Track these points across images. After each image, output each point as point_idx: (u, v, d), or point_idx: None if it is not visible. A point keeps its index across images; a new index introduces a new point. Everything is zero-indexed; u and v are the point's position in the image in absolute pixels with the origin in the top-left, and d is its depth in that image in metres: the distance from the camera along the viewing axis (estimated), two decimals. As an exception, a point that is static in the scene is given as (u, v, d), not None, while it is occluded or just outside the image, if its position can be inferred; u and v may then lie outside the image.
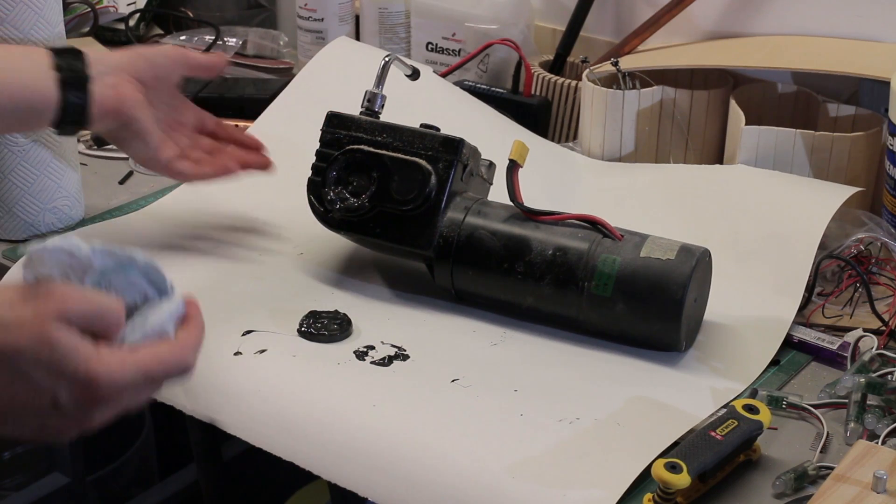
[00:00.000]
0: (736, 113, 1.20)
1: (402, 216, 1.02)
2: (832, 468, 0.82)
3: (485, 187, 1.08)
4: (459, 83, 1.39)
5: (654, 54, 1.35)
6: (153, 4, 1.71)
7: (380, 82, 1.09)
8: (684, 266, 0.95)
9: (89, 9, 1.58)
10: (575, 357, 0.97)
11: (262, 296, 1.04)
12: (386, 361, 0.95)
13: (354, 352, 0.96)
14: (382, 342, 0.98)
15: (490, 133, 1.22)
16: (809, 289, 1.04)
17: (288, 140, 1.24)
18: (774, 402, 0.92)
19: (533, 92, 1.38)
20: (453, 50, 1.49)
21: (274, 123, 1.27)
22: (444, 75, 1.41)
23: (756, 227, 1.10)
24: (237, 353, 0.95)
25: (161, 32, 1.69)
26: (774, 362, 0.98)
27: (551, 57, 1.43)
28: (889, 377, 0.93)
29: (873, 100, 1.23)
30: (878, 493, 0.78)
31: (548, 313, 1.00)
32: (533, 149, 1.04)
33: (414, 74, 1.17)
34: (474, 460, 0.84)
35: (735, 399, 0.90)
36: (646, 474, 0.81)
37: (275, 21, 1.76)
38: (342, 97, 1.12)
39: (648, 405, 0.91)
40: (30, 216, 1.14)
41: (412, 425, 0.87)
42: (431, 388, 0.92)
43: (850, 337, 0.99)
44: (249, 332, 0.98)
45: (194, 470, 1.67)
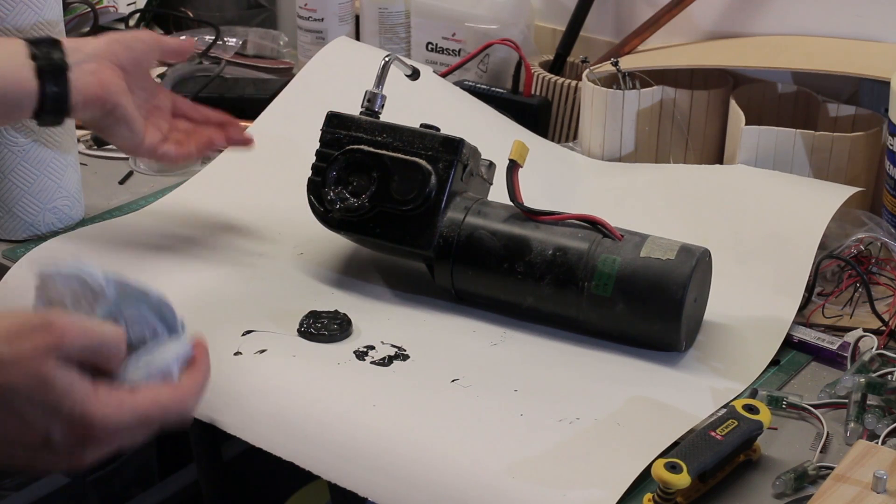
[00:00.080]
0: (736, 113, 1.20)
1: (402, 216, 1.02)
2: (832, 468, 0.82)
3: (485, 187, 1.08)
4: (459, 83, 1.39)
5: (654, 54, 1.35)
6: (153, 4, 1.71)
7: (380, 82, 1.09)
8: (684, 266, 0.95)
9: (89, 9, 1.58)
10: (575, 357, 0.97)
11: (262, 296, 1.04)
12: (386, 361, 0.95)
13: (354, 352, 0.96)
14: (382, 342, 0.98)
15: (490, 133, 1.22)
16: (809, 289, 1.04)
17: (288, 140, 1.24)
18: (774, 402, 0.92)
19: (533, 92, 1.38)
20: (453, 50, 1.49)
21: (274, 123, 1.27)
22: (444, 75, 1.41)
23: (756, 227, 1.10)
24: (237, 353, 0.95)
25: (161, 32, 1.68)
26: (774, 362, 0.98)
27: (551, 57, 1.43)
28: (889, 377, 0.93)
29: (873, 100, 1.23)
30: (878, 493, 0.78)
31: (548, 313, 1.00)
32: (533, 149, 1.04)
33: (414, 74, 1.17)
34: (474, 460, 0.84)
35: (735, 399, 0.90)
36: (646, 474, 0.81)
37: (275, 21, 1.76)
38: (342, 97, 1.12)
39: (648, 405, 0.91)
40: (30, 216, 1.14)
41: (412, 425, 0.87)
42: (431, 389, 0.92)
43: (850, 337, 0.99)
44: (249, 332, 0.98)
45: (194, 470, 1.67)
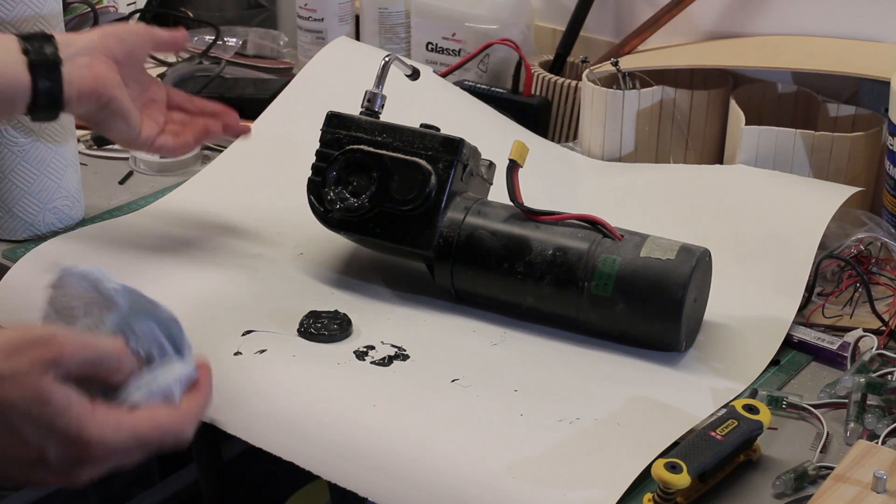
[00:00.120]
0: (736, 113, 1.20)
1: (402, 216, 1.02)
2: (832, 468, 0.82)
3: (485, 187, 1.08)
4: (459, 83, 1.39)
5: (654, 54, 1.35)
6: (153, 4, 1.71)
7: (380, 82, 1.09)
8: (684, 266, 0.95)
9: (89, 9, 1.57)
10: (575, 357, 0.97)
11: (262, 296, 1.04)
12: (386, 361, 0.95)
13: (354, 352, 0.96)
14: (382, 342, 0.98)
15: (490, 133, 1.22)
16: (809, 289, 1.04)
17: (288, 140, 1.24)
18: (774, 402, 0.92)
19: (533, 92, 1.38)
20: (453, 50, 1.49)
21: (274, 123, 1.27)
22: (444, 75, 1.41)
23: (756, 227, 1.10)
24: (237, 353, 0.95)
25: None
26: (774, 362, 0.98)
27: (551, 57, 1.43)
28: (889, 377, 0.93)
29: (873, 100, 1.23)
30: (878, 493, 0.78)
31: (548, 313, 1.00)
32: (533, 149, 1.04)
33: (414, 74, 1.17)
34: (474, 460, 0.84)
35: (735, 399, 0.90)
36: (646, 474, 0.81)
37: (275, 21, 1.76)
38: (342, 97, 1.12)
39: (648, 405, 0.91)
40: (30, 216, 1.14)
41: (412, 425, 0.87)
42: (431, 389, 0.92)
43: (850, 337, 0.99)
44: (249, 332, 0.98)
45: (194, 470, 1.67)
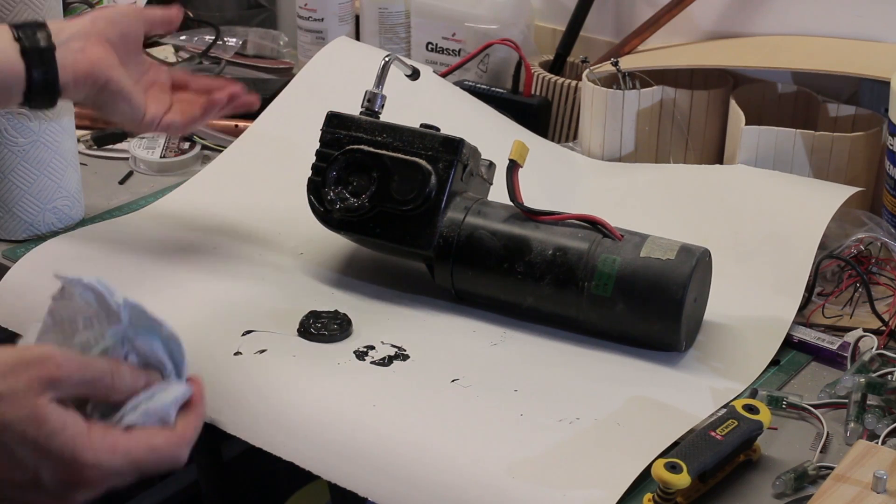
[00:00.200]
0: (736, 113, 1.20)
1: (402, 216, 1.02)
2: (832, 468, 0.82)
3: (485, 187, 1.08)
4: (459, 83, 1.39)
5: (654, 54, 1.35)
6: (153, 4, 1.70)
7: (380, 82, 1.09)
8: (684, 266, 0.95)
9: (89, 9, 1.58)
10: (575, 357, 0.97)
11: (262, 296, 1.04)
12: (386, 361, 0.95)
13: (354, 352, 0.96)
14: (382, 342, 0.98)
15: (490, 133, 1.22)
16: (809, 289, 1.04)
17: (288, 140, 1.24)
18: (774, 402, 0.92)
19: (533, 92, 1.38)
20: (453, 50, 1.49)
21: (274, 123, 1.27)
22: (444, 75, 1.41)
23: (756, 227, 1.10)
24: (237, 353, 0.95)
25: (160, 32, 1.68)
26: (774, 362, 0.98)
27: (551, 57, 1.43)
28: (889, 377, 0.93)
29: (873, 100, 1.23)
30: (878, 493, 0.78)
31: (548, 313, 1.00)
32: (533, 149, 1.04)
33: (414, 74, 1.17)
34: (474, 460, 0.84)
35: (735, 399, 0.90)
36: (646, 474, 0.81)
37: (275, 21, 1.76)
38: (342, 97, 1.12)
39: (648, 405, 0.91)
40: (30, 216, 1.14)
41: (412, 425, 0.87)
42: (431, 388, 0.92)
43: (850, 337, 0.99)
44: (249, 332, 0.98)
45: (194, 470, 1.67)
